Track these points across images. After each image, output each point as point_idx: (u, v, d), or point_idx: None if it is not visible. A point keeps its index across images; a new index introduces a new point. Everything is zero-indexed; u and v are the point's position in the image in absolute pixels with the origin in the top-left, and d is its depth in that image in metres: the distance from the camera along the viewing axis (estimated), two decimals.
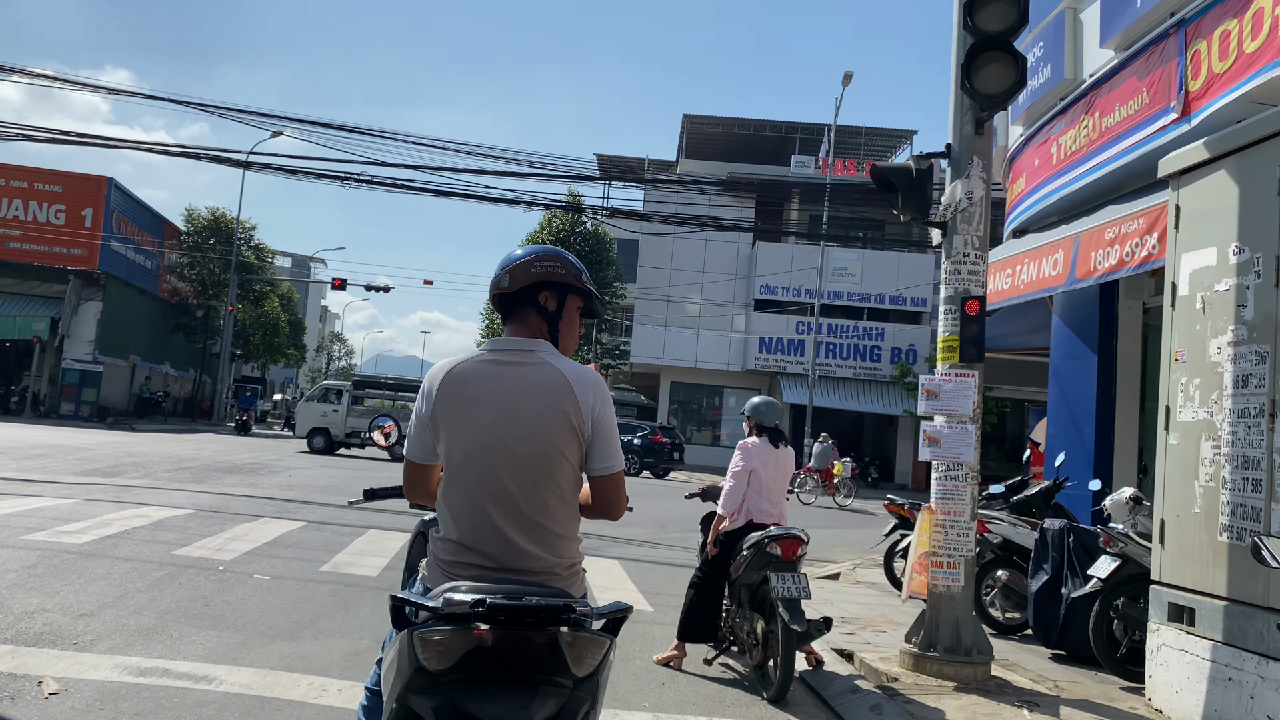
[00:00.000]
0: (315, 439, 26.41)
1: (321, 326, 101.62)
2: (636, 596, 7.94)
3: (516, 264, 2.51)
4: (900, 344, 35.70)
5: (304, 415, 27.32)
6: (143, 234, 37.78)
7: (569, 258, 2.55)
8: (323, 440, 26.35)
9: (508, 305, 2.53)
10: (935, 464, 5.98)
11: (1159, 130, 7.09)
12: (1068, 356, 9.55)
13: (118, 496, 11.27)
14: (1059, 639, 6.68)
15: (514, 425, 2.33)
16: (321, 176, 22.03)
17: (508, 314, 2.54)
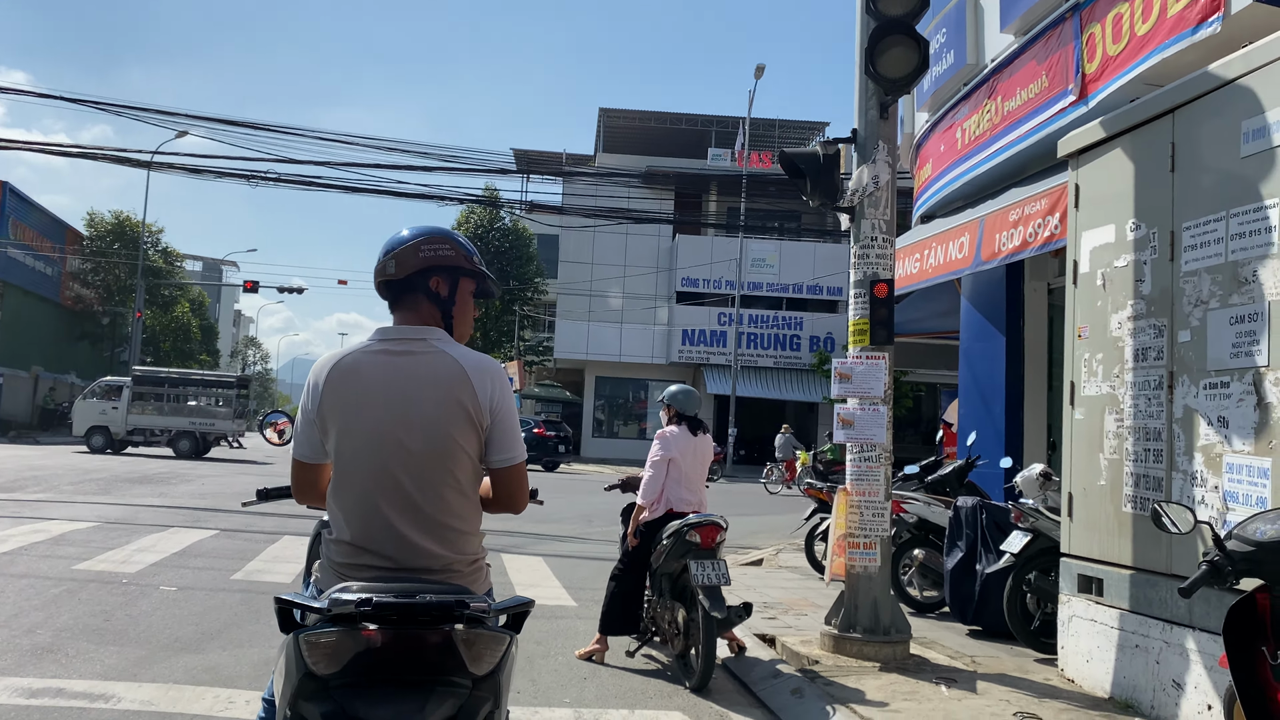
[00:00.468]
0: (94, 438, 25.32)
1: (235, 331, 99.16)
2: (560, 592, 7.87)
3: (403, 247, 2.37)
4: (819, 332, 36.19)
5: (81, 413, 25.91)
6: (42, 240, 36.40)
7: (458, 238, 2.44)
8: (102, 439, 25.30)
9: (395, 292, 2.41)
10: (849, 446, 6.02)
11: (1059, 113, 7.23)
12: (977, 338, 9.74)
13: (16, 512, 10.79)
14: (975, 615, 6.80)
15: (408, 418, 2.22)
16: (228, 175, 21.43)
17: (395, 301, 2.42)
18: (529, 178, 35.22)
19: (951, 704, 4.81)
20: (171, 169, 22.09)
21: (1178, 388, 4.70)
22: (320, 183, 20.82)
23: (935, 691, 5.03)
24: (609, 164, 39.58)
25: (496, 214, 41.46)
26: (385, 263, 2.40)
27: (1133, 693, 4.83)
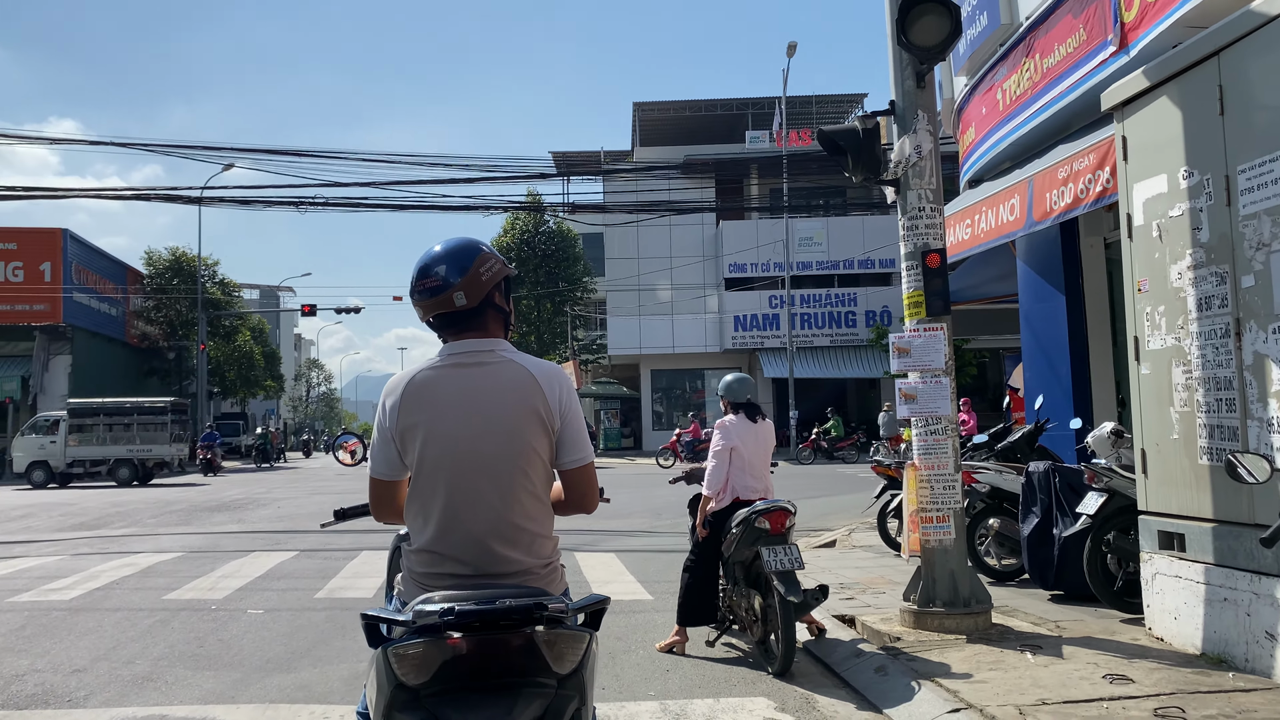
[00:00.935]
0: (35, 473, 25.47)
1: (297, 355, 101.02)
2: (635, 587, 7.93)
3: (466, 277, 2.39)
4: (874, 307, 35.80)
5: (21, 450, 25.98)
6: (104, 282, 37.43)
7: (490, 247, 2.51)
8: (43, 474, 25.45)
9: (464, 318, 2.44)
10: (914, 420, 5.98)
11: (1099, 65, 7.10)
12: (1036, 299, 9.59)
13: (104, 548, 11.15)
14: (1055, 579, 6.72)
15: (484, 427, 2.30)
16: (277, 203, 21.86)
17: (462, 325, 2.44)
18: (569, 179, 35.36)
19: (1038, 670, 4.76)
20: (221, 202, 22.59)
21: (1245, 334, 4.59)
22: (367, 203, 21.15)
23: (1021, 659, 4.99)
24: (647, 157, 39.59)
25: (541, 218, 41.69)
26: (450, 297, 2.40)
27: (1225, 647, 4.74)
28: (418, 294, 2.44)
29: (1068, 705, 4.20)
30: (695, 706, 4.73)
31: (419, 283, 2.44)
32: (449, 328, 2.46)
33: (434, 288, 2.41)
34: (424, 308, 2.45)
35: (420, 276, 2.44)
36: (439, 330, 2.48)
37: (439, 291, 2.41)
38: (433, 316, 2.45)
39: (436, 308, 2.42)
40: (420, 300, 2.44)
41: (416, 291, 2.44)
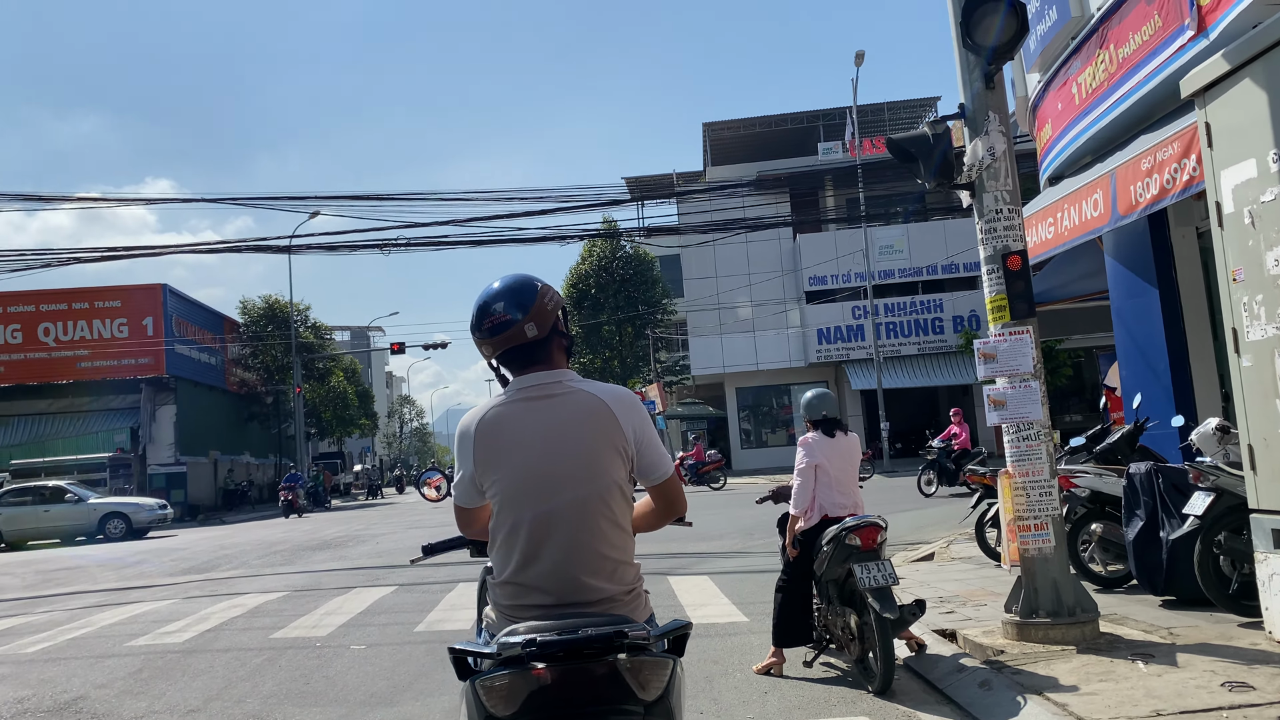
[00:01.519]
0: None
1: (389, 392, 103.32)
2: (730, 609, 7.88)
3: (535, 307, 2.44)
4: (961, 312, 35.09)
5: None
6: (203, 333, 38.89)
7: (542, 280, 2.54)
8: None
9: (531, 349, 2.47)
10: (1005, 426, 5.85)
11: (1178, 50, 6.89)
12: (1128, 295, 9.30)
13: (213, 590, 11.53)
14: (1166, 584, 6.46)
15: (561, 457, 2.33)
16: (362, 247, 22.47)
17: (531, 358, 2.47)
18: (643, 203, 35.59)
19: (1152, 680, 4.59)
20: (310, 249, 23.31)
21: None
22: (447, 241, 21.57)
23: (1132, 669, 4.81)
24: (719, 176, 39.61)
25: (617, 244, 42.00)
26: (522, 329, 2.43)
27: None
28: (488, 330, 2.45)
29: (1184, 716, 4.04)
30: None
31: (486, 320, 2.45)
32: (517, 361, 2.48)
33: (505, 322, 2.44)
34: (494, 344, 2.46)
35: (485, 315, 2.46)
36: (507, 364, 2.50)
37: (509, 325, 2.43)
38: (501, 352, 2.47)
39: (507, 342, 2.44)
40: (490, 336, 2.45)
41: (486, 329, 2.46)
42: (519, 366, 2.48)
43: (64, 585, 13.52)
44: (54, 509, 24.33)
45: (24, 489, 25.31)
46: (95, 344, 34.07)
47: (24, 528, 24.13)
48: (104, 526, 24.19)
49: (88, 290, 35.12)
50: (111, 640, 8.38)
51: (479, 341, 2.49)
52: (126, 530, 24.27)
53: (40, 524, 24.23)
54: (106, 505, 24.74)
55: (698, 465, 28.02)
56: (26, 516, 24.17)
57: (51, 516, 24.28)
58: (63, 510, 24.35)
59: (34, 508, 24.32)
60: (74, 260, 21.34)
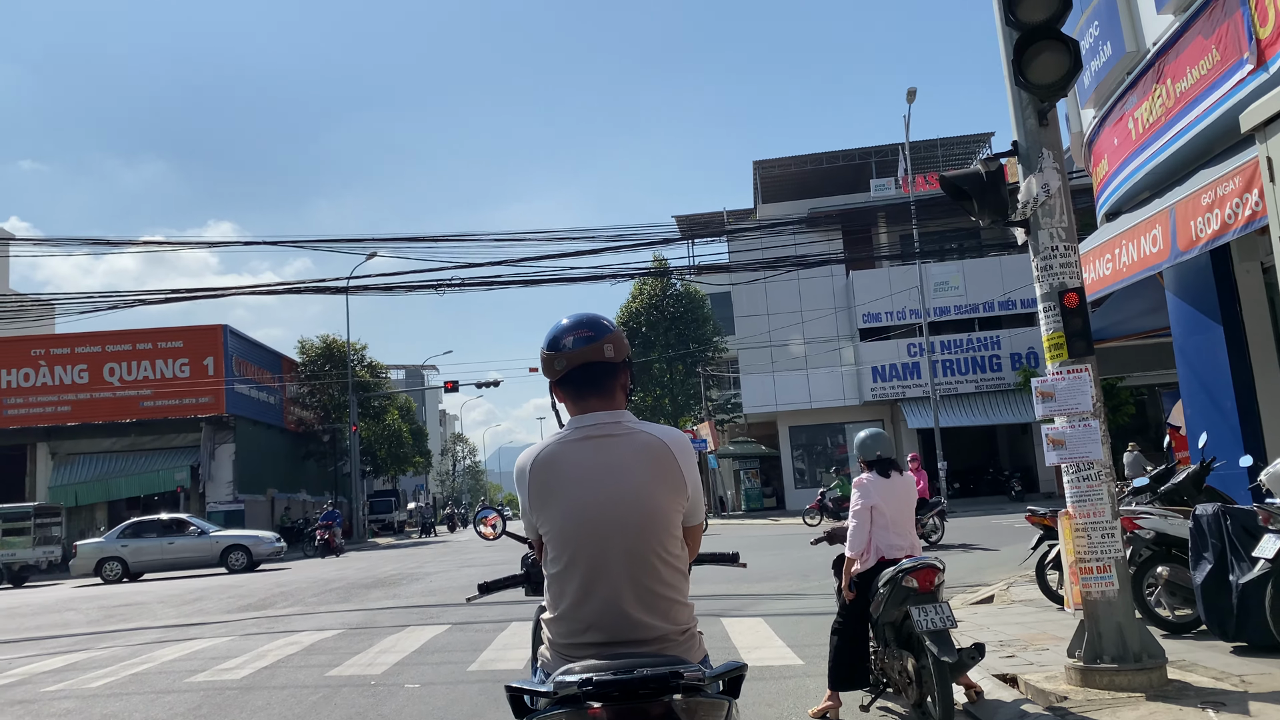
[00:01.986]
0: None
1: (443, 430, 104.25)
2: (785, 651, 7.78)
3: (614, 334, 2.50)
4: (1019, 349, 34.62)
5: None
6: (262, 372, 39.66)
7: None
8: None
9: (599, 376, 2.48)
10: (1065, 466, 5.74)
11: (1237, 84, 6.80)
12: (1191, 332, 9.11)
13: (270, 628, 11.66)
14: (1237, 630, 6.25)
15: (618, 496, 2.33)
16: (417, 288, 22.81)
17: (597, 387, 2.48)
18: (693, 242, 35.73)
19: None
20: (366, 290, 23.73)
21: None
22: (500, 280, 21.85)
23: (1202, 717, 4.66)
24: (770, 214, 39.69)
25: (668, 282, 42.15)
26: (601, 346, 2.45)
27: None
28: (571, 343, 2.47)
29: None
30: None
31: (568, 335, 2.48)
32: (584, 384, 2.47)
33: (588, 337, 2.46)
34: (571, 357, 2.45)
35: (567, 332, 2.48)
36: (573, 387, 2.48)
37: (591, 341, 2.46)
38: (571, 372, 2.46)
39: (584, 357, 2.45)
40: (572, 349, 2.46)
41: (567, 343, 2.47)
42: (584, 392, 2.48)
43: (126, 621, 13.77)
44: (178, 541, 25.29)
45: (147, 522, 26.32)
46: (158, 384, 34.92)
47: (149, 559, 25.05)
48: (226, 559, 25.10)
49: (151, 331, 36.08)
50: (172, 676, 8.50)
51: (555, 357, 2.47)
52: (247, 562, 25.16)
53: (165, 556, 25.16)
54: (228, 538, 25.61)
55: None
56: (151, 548, 25.09)
57: (176, 549, 25.20)
58: (186, 543, 25.30)
59: (159, 540, 25.25)
60: (139, 302, 21.96)
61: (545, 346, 2.50)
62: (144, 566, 25.00)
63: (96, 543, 25.27)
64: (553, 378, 2.50)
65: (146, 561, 24.96)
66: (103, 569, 24.50)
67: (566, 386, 2.50)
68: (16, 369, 34.37)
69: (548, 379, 2.53)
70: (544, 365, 2.50)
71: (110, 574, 24.46)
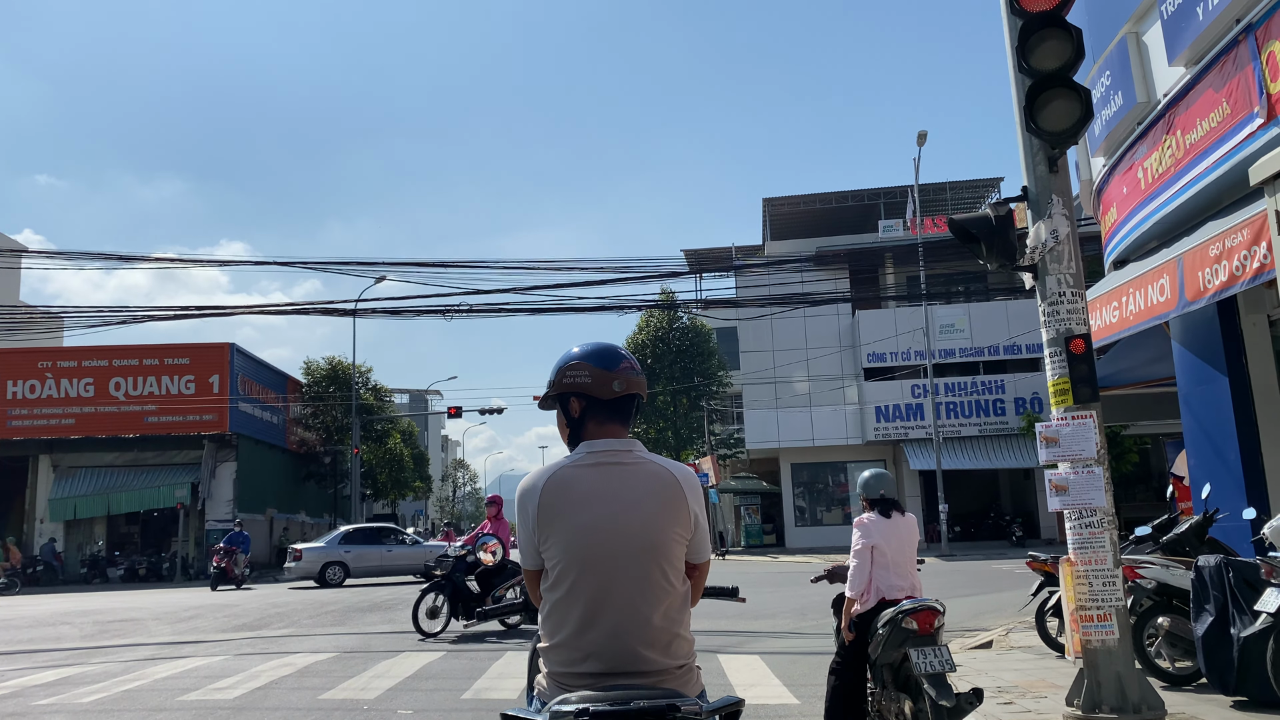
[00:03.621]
0: None
1: (444, 456, 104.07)
2: (781, 690, 7.72)
3: (624, 366, 2.52)
4: (1023, 394, 34.53)
5: None
6: (267, 392, 39.68)
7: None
8: None
9: (608, 410, 2.50)
10: (1068, 513, 5.73)
11: (1247, 138, 6.86)
12: (1196, 382, 9.12)
13: (265, 648, 11.60)
14: (1238, 684, 6.20)
15: (626, 525, 2.33)
16: (425, 312, 22.89)
17: (612, 414, 2.50)
18: (701, 276, 35.87)
19: None
20: (374, 313, 23.80)
21: None
22: (508, 308, 21.92)
23: None
24: (778, 251, 39.82)
25: (674, 315, 42.23)
26: (611, 379, 2.47)
27: None
28: (627, 370, 2.50)
29: None
30: None
31: (619, 361, 2.50)
32: (616, 414, 2.50)
33: (637, 369, 2.53)
34: (630, 382, 2.49)
35: (616, 357, 2.51)
36: (601, 414, 2.50)
37: (639, 375, 2.52)
38: (606, 400, 2.48)
39: (636, 387, 2.50)
40: (630, 375, 2.49)
41: (621, 368, 2.49)
42: (613, 419, 2.50)
43: (120, 637, 13.70)
44: (395, 549, 26.33)
45: (365, 529, 27.50)
46: (163, 399, 34.91)
47: (369, 564, 25.93)
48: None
49: (159, 347, 36.14)
50: (164, 694, 8.46)
51: (614, 377, 2.48)
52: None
53: (383, 563, 26.07)
54: (440, 547, 26.05)
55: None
56: (372, 555, 26.03)
57: (393, 556, 26.16)
58: (402, 550, 26.33)
59: (379, 548, 26.22)
60: (148, 318, 22.05)
61: (598, 365, 2.49)
62: (364, 571, 25.91)
63: (320, 547, 26.02)
64: (605, 396, 2.48)
65: (366, 567, 25.89)
66: (325, 573, 25.25)
67: (599, 411, 2.50)
68: (23, 380, 34.40)
69: (591, 396, 2.49)
70: (594, 382, 2.48)
71: (333, 578, 25.24)
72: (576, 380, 2.49)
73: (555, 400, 2.58)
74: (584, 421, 2.51)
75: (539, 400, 2.66)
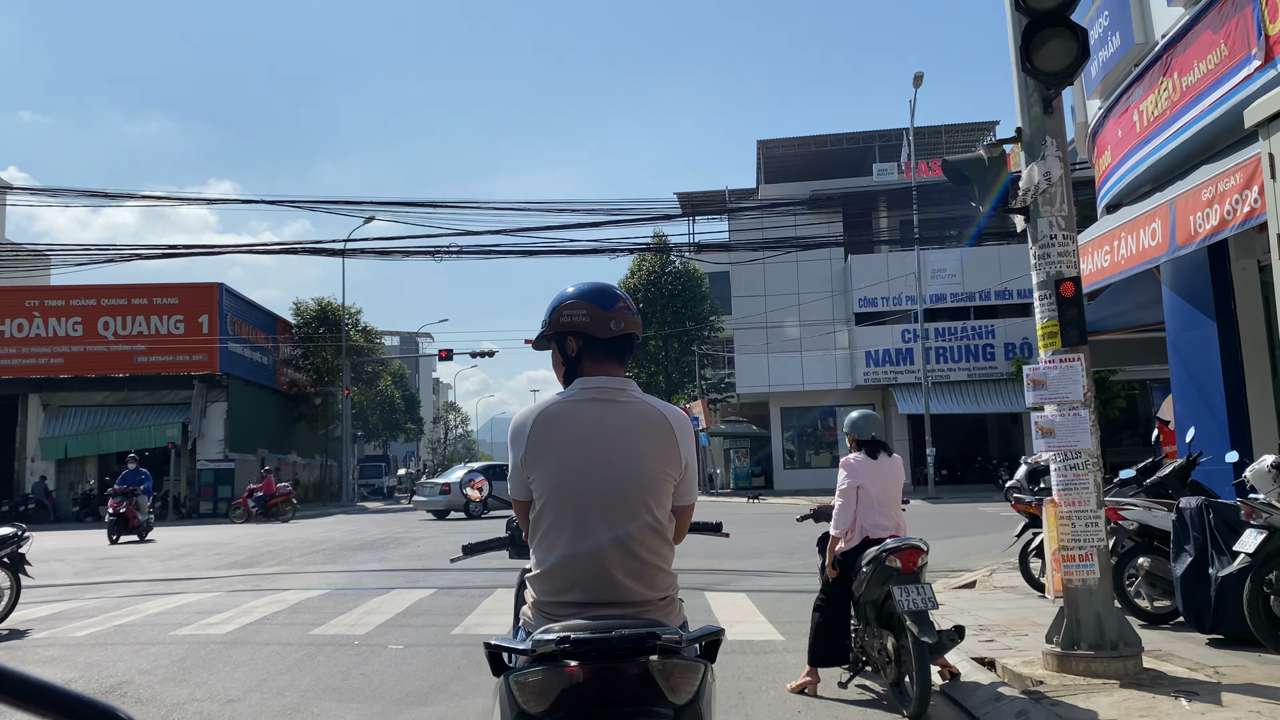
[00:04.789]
0: None
1: (435, 398, 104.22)
2: (766, 627, 7.84)
3: (624, 304, 2.52)
4: (1013, 339, 34.62)
5: None
6: (256, 332, 39.54)
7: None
8: None
9: (605, 349, 2.50)
10: (1053, 455, 5.77)
11: (1244, 80, 6.80)
12: (1185, 327, 9.15)
13: (256, 585, 11.71)
14: (1213, 623, 6.32)
15: (615, 461, 2.36)
16: (414, 253, 22.76)
17: (608, 353, 2.50)
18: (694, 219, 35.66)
19: (1194, 718, 4.49)
20: (363, 253, 23.67)
21: None
22: (499, 250, 21.86)
23: (1175, 706, 4.72)
24: (772, 194, 39.59)
25: (667, 259, 42.06)
26: (608, 318, 2.47)
27: None
28: (625, 308, 2.51)
29: None
30: None
31: (617, 300, 2.51)
32: (608, 351, 2.50)
33: (633, 309, 2.53)
34: (628, 321, 2.49)
35: (613, 297, 2.51)
36: (598, 352, 2.50)
37: (636, 315, 2.53)
38: (605, 339, 2.48)
39: (634, 327, 2.51)
40: (628, 315, 2.50)
41: (619, 307, 2.50)
42: (609, 358, 2.51)
43: (113, 574, 13.81)
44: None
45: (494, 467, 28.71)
46: (152, 339, 34.77)
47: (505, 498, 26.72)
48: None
49: (147, 287, 35.91)
50: (157, 629, 8.55)
51: (612, 316, 2.48)
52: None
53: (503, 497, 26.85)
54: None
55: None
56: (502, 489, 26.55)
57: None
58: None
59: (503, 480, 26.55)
60: (136, 257, 21.89)
61: (595, 304, 2.48)
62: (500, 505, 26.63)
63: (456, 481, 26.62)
64: (602, 335, 2.48)
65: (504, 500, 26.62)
66: (470, 505, 25.60)
67: (596, 350, 2.50)
68: (10, 319, 34.17)
69: (588, 335, 2.48)
70: (592, 320, 2.47)
71: (475, 510, 25.83)
72: (574, 319, 2.48)
73: (551, 339, 2.57)
74: (580, 360, 2.51)
75: (534, 340, 2.65)
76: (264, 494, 28.75)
